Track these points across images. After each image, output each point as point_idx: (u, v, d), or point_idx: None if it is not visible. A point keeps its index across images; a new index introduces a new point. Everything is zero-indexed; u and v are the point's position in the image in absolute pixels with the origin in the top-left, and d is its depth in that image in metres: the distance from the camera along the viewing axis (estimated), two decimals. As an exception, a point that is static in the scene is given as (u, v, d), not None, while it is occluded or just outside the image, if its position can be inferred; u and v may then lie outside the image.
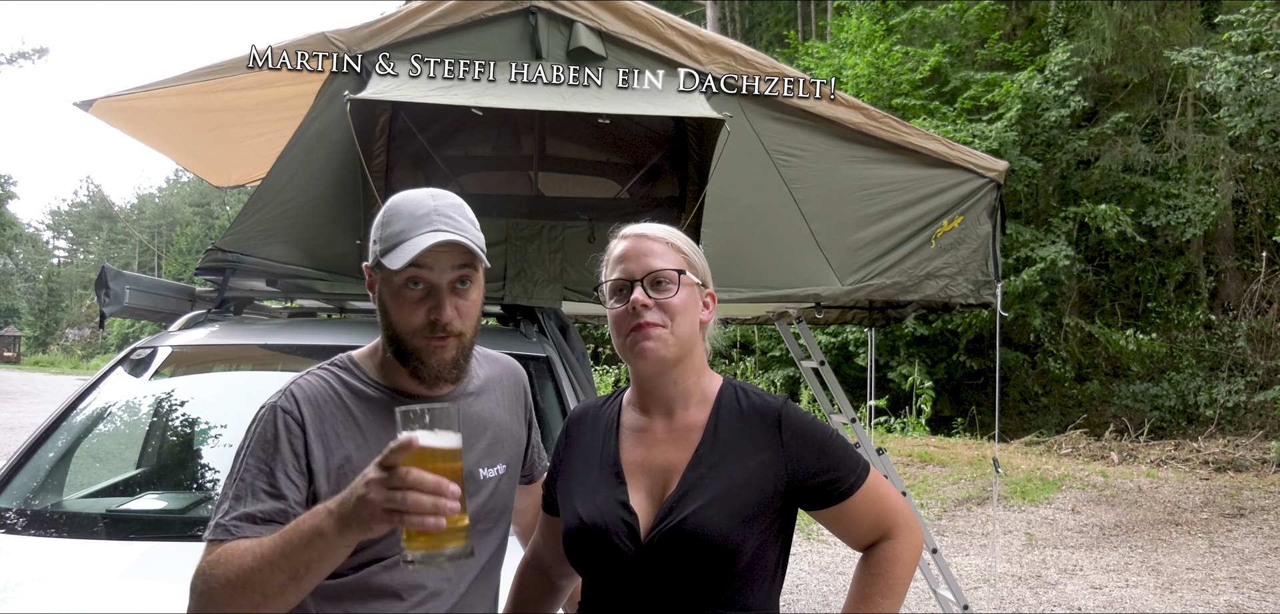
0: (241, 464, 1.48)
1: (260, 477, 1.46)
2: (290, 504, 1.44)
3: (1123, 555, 7.55)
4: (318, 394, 1.54)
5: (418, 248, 1.48)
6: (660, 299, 1.51)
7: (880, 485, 1.56)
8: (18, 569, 2.38)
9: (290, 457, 1.47)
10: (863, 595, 1.54)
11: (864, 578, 1.56)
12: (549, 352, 3.58)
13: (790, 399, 1.58)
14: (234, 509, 1.43)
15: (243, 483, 1.46)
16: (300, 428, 1.49)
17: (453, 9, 3.62)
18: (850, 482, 1.52)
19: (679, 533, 1.44)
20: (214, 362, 3.44)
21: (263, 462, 1.47)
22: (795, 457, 1.51)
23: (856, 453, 1.56)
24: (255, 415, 1.53)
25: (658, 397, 1.58)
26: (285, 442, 1.48)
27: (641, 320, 1.50)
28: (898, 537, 1.56)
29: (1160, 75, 15.90)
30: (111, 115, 3.77)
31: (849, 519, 1.55)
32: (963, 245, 4.18)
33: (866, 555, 1.58)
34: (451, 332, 1.53)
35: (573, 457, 1.64)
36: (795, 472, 1.50)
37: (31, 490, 2.66)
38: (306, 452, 1.49)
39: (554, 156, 4.88)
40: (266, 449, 1.48)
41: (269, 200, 3.46)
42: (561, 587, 1.80)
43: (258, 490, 1.44)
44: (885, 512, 1.56)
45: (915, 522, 1.60)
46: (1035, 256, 14.52)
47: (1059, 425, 14.47)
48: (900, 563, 1.55)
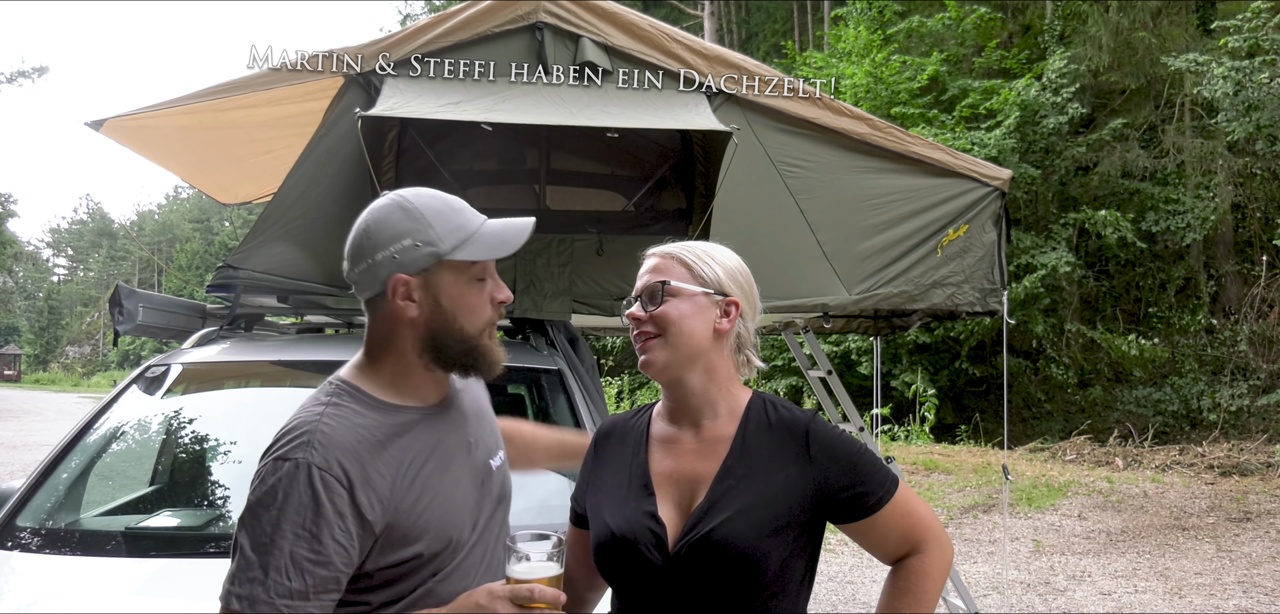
0: (273, 532, 1.34)
1: (302, 543, 1.34)
2: (338, 571, 1.37)
3: (1130, 561, 7.54)
4: (345, 439, 1.42)
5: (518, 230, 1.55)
6: (652, 311, 1.58)
7: (909, 499, 1.57)
8: (36, 588, 2.39)
9: (336, 519, 1.36)
10: (892, 608, 1.55)
11: (893, 592, 1.56)
12: (560, 364, 3.59)
13: (818, 414, 1.60)
14: (274, 585, 1.32)
15: (278, 553, 1.33)
16: (345, 485, 1.38)
17: (460, 25, 3.65)
18: (878, 495, 1.53)
19: (706, 544, 1.45)
20: (226, 378, 3.45)
21: (304, 527, 1.34)
22: (823, 471, 1.52)
23: (886, 467, 1.57)
24: (273, 472, 1.37)
25: (684, 408, 1.61)
26: (329, 504, 1.36)
27: (634, 333, 1.60)
28: (927, 550, 1.56)
29: (1157, 81, 15.96)
30: (122, 135, 3.79)
31: (878, 533, 1.55)
32: (968, 253, 4.20)
33: (896, 569, 1.58)
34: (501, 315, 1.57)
35: (602, 470, 1.66)
36: (823, 485, 1.51)
37: (49, 509, 2.67)
38: (355, 506, 1.38)
39: (560, 170, 4.90)
40: (306, 514, 1.34)
41: (280, 216, 3.48)
42: (588, 600, 1.80)
43: (300, 561, 1.33)
44: (914, 525, 1.56)
45: (944, 536, 1.60)
46: (1036, 263, 14.54)
47: (1062, 432, 14.48)
48: (929, 577, 1.55)
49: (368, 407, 1.49)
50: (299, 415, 1.45)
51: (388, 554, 1.43)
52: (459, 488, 1.55)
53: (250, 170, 4.85)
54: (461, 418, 1.63)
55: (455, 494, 1.54)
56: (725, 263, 1.66)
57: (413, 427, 1.52)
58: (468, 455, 1.60)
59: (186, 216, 69.32)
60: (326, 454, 1.38)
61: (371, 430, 1.45)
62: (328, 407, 1.46)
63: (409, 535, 1.44)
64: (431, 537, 1.47)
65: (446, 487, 1.53)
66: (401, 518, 1.44)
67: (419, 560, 1.46)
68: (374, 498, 1.41)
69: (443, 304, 1.50)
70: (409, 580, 1.47)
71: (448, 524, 1.50)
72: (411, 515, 1.45)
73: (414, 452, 1.49)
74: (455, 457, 1.57)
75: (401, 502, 1.44)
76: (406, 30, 3.67)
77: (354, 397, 1.50)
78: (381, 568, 1.44)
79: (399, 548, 1.44)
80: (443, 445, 1.55)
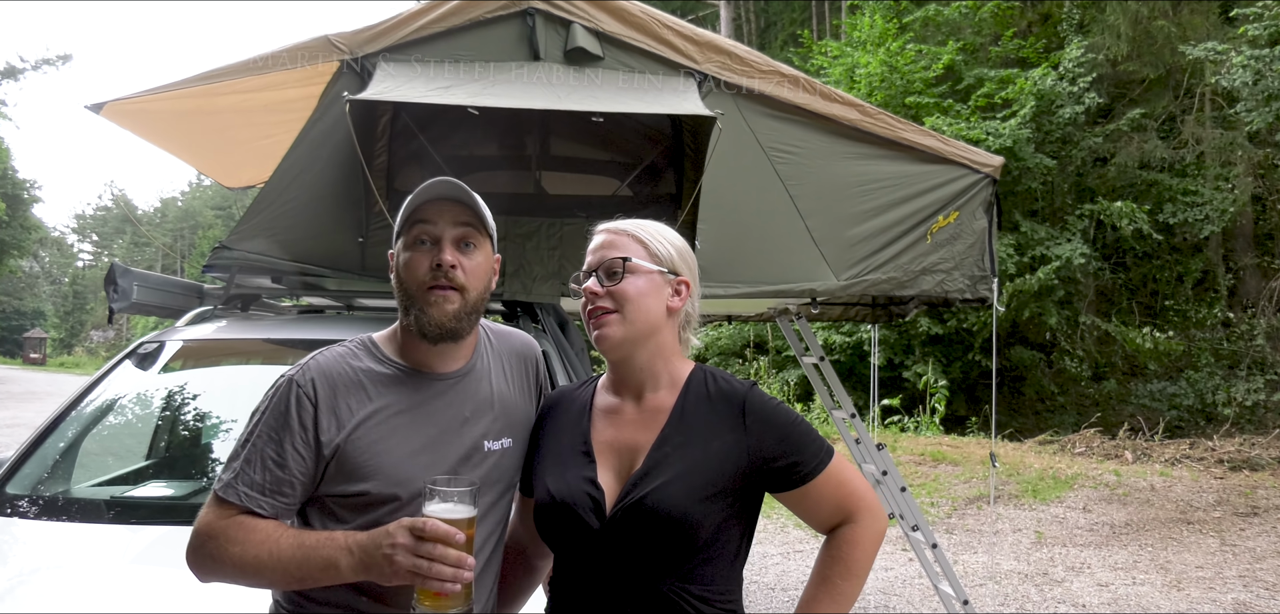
0: (255, 429, 1.60)
1: (270, 445, 1.58)
2: (294, 476, 1.57)
3: (1131, 554, 7.52)
4: (332, 369, 1.65)
5: (422, 198, 1.65)
6: (610, 287, 1.61)
7: (843, 470, 1.61)
8: (30, 554, 2.48)
9: (299, 430, 1.58)
10: (823, 577, 1.60)
11: (825, 560, 1.61)
12: (547, 346, 3.64)
13: (757, 385, 1.64)
14: (243, 473, 1.56)
15: (253, 448, 1.58)
16: (313, 403, 1.59)
17: (453, 11, 3.70)
18: (811, 466, 1.58)
19: (640, 508, 1.51)
20: (221, 356, 3.54)
21: (274, 432, 1.58)
22: (757, 440, 1.56)
23: (820, 439, 1.61)
24: (274, 383, 1.64)
25: (628, 380, 1.66)
26: (295, 415, 1.58)
27: (591, 307, 1.62)
28: (859, 520, 1.60)
29: (1176, 71, 15.75)
30: (122, 117, 3.87)
31: (811, 502, 1.60)
32: (959, 241, 4.22)
33: (829, 538, 1.63)
34: (454, 283, 1.65)
35: (546, 437, 1.72)
36: (757, 454, 1.56)
37: (41, 478, 2.75)
38: (316, 425, 1.59)
39: (558, 156, 4.94)
40: (278, 420, 1.58)
41: (274, 200, 3.56)
42: (538, 566, 1.86)
43: (266, 458, 1.57)
44: (847, 496, 1.60)
45: (878, 506, 1.64)
46: (1050, 254, 14.42)
47: (1075, 425, 14.37)
48: (860, 546, 1.59)
49: (369, 354, 1.71)
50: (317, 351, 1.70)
51: (339, 483, 1.59)
52: (429, 450, 1.64)
53: (252, 154, 4.92)
54: (466, 396, 1.72)
55: (421, 453, 1.63)
56: (676, 242, 1.71)
57: (399, 382, 1.67)
58: (458, 427, 1.68)
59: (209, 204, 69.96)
60: (307, 375, 1.62)
61: (358, 371, 1.65)
62: (338, 348, 1.71)
63: (357, 471, 1.59)
64: (380, 480, 1.59)
65: (412, 442, 1.63)
66: (354, 452, 1.59)
67: (367, 497, 1.59)
68: (334, 424, 1.59)
69: (398, 266, 1.69)
70: (363, 516, 1.58)
71: (400, 475, 1.60)
72: (365, 454, 1.59)
73: (389, 400, 1.65)
74: (437, 422, 1.67)
75: (360, 438, 1.59)
76: (399, 17, 3.72)
77: (365, 345, 1.73)
78: (334, 496, 1.59)
79: (349, 481, 1.59)
80: (425, 407, 1.67)
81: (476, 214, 1.70)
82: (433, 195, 1.67)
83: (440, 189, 1.66)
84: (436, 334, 1.65)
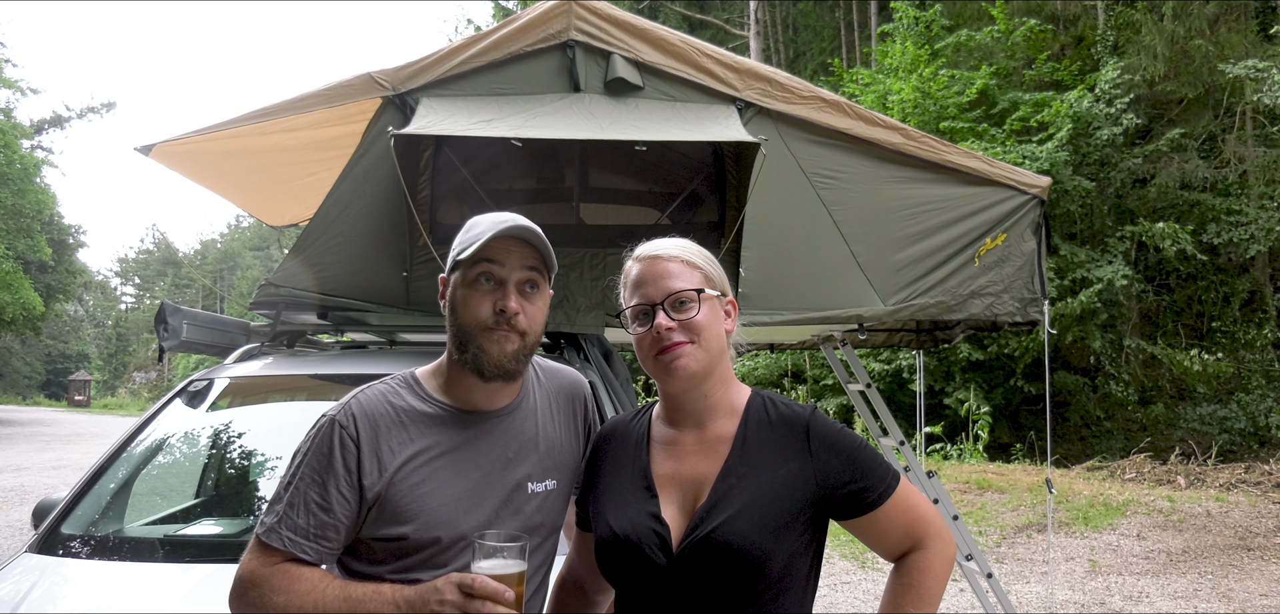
0: (297, 471, 1.56)
1: (314, 488, 1.54)
2: (339, 520, 1.53)
3: (1191, 582, 7.28)
4: (374, 408, 1.61)
5: (492, 233, 1.59)
6: (683, 319, 1.54)
7: (910, 495, 1.56)
8: (81, 595, 2.48)
9: (343, 473, 1.54)
10: (896, 606, 1.54)
11: (896, 588, 1.55)
12: (592, 377, 3.61)
13: (818, 408, 1.59)
14: (286, 518, 1.53)
15: (296, 491, 1.54)
16: (355, 444, 1.56)
17: (493, 45, 3.72)
18: (879, 491, 1.52)
19: (709, 543, 1.46)
20: (268, 392, 3.54)
21: (317, 474, 1.54)
22: (824, 466, 1.51)
23: (887, 463, 1.56)
24: (315, 424, 1.60)
25: (687, 410, 1.61)
26: (340, 458, 1.55)
27: (667, 343, 1.53)
28: (929, 546, 1.55)
29: (1216, 89, 15.48)
30: (170, 159, 3.93)
31: (879, 529, 1.54)
32: (1007, 263, 4.14)
33: (898, 565, 1.57)
34: (516, 327, 1.60)
35: (604, 471, 1.67)
36: (824, 481, 1.51)
37: (94, 518, 2.76)
38: (359, 467, 1.55)
39: (597, 187, 4.94)
40: (322, 462, 1.55)
41: (319, 236, 3.58)
42: (597, 602, 1.81)
43: (310, 502, 1.53)
44: (916, 521, 1.55)
45: (947, 531, 1.59)
46: (1092, 277, 14.17)
47: (1123, 450, 14.04)
48: (932, 573, 1.54)
49: (412, 393, 1.66)
50: (359, 389, 1.67)
51: (379, 527, 1.55)
52: (471, 492, 1.60)
53: (296, 192, 4.98)
54: (510, 435, 1.68)
55: (463, 496, 1.59)
56: (716, 262, 1.68)
57: (442, 422, 1.62)
58: (500, 469, 1.64)
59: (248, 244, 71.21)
60: (349, 416, 1.59)
61: (401, 411, 1.61)
62: (381, 385, 1.67)
63: (398, 515, 1.54)
64: (420, 524, 1.55)
65: (454, 487, 1.58)
66: (396, 496, 1.55)
67: (406, 543, 1.54)
68: (376, 467, 1.55)
69: (454, 300, 1.64)
70: (402, 561, 1.55)
71: (441, 518, 1.56)
72: (406, 498, 1.55)
73: (432, 441, 1.60)
74: (480, 464, 1.62)
75: (401, 482, 1.55)
76: (441, 52, 3.75)
77: (407, 383, 1.68)
78: (375, 540, 1.55)
79: (389, 524, 1.55)
80: (468, 448, 1.62)
81: (543, 257, 1.65)
82: (501, 233, 1.59)
83: (509, 228, 1.60)
84: (493, 373, 1.61)
